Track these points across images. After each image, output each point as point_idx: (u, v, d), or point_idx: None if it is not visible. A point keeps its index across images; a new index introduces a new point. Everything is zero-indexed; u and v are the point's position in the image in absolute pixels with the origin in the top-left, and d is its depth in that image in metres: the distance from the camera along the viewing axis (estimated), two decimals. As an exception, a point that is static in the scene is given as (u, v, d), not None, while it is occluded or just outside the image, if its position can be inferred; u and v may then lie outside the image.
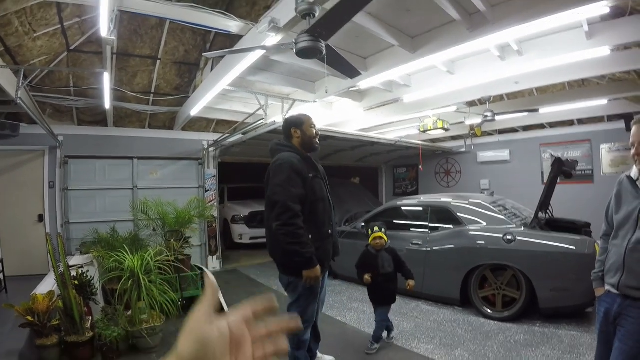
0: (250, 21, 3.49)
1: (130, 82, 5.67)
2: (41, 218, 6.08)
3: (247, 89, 5.02)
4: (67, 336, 3.26)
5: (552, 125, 8.05)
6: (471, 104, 6.76)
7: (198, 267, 4.99)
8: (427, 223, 4.91)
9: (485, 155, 9.23)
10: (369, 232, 3.59)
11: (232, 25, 3.43)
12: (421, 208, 5.17)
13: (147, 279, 3.58)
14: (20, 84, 3.95)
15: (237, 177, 10.22)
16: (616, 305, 1.82)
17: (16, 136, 5.23)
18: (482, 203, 4.67)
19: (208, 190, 7.42)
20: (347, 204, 7.16)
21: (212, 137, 7.33)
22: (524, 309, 3.97)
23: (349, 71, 3.36)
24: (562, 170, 4.38)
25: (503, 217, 4.37)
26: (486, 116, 5.89)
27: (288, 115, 4.06)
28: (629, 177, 1.87)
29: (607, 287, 1.91)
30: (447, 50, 3.65)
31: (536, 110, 6.14)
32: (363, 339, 3.67)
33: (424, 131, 6.86)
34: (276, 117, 5.19)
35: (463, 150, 9.59)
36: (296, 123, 2.77)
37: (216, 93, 4.80)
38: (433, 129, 6.73)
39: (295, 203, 2.46)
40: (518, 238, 4.01)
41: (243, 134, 6.03)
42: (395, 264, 3.49)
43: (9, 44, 4.18)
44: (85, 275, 3.73)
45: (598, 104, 6.27)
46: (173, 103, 6.40)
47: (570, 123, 7.82)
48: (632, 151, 1.79)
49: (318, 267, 2.52)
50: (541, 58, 4.03)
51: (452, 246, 4.46)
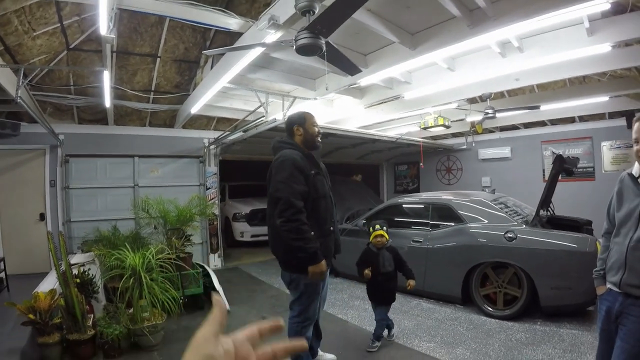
0: (250, 18, 3.48)
1: (130, 80, 5.67)
2: (42, 217, 6.10)
3: (248, 87, 5.01)
4: (69, 334, 3.28)
5: (553, 122, 8.03)
6: (472, 101, 6.74)
7: (199, 265, 5.01)
8: (428, 220, 4.90)
9: (486, 152, 9.21)
10: (370, 230, 3.58)
11: (232, 22, 3.43)
12: (422, 205, 5.16)
13: (149, 277, 3.59)
14: (20, 83, 3.94)
15: (238, 175, 10.24)
16: (618, 303, 1.81)
17: (17, 135, 5.22)
18: (484, 200, 4.66)
19: (209, 188, 7.42)
20: (348, 202, 7.15)
21: (213, 135, 7.32)
22: (525, 307, 3.97)
23: (349, 68, 3.36)
24: (564, 167, 4.35)
25: (504, 215, 4.36)
26: (487, 113, 5.88)
27: (290, 112, 4.05)
28: (631, 175, 1.86)
29: (609, 286, 1.90)
30: (448, 47, 3.62)
31: (537, 107, 6.12)
32: (364, 337, 3.67)
33: (425, 128, 6.83)
34: (277, 115, 5.17)
35: (464, 147, 9.55)
36: (299, 121, 2.79)
37: (216, 91, 4.79)
38: (434, 126, 6.69)
39: (298, 199, 2.47)
40: (519, 236, 4.01)
41: (244, 132, 6.02)
42: (395, 263, 3.49)
43: (9, 43, 4.18)
44: (86, 273, 3.75)
45: (599, 101, 6.25)
46: (173, 101, 6.40)
47: (571, 120, 7.81)
48: (636, 147, 1.78)
49: (323, 262, 2.53)
50: (542, 55, 4.01)
51: (454, 244, 4.46)
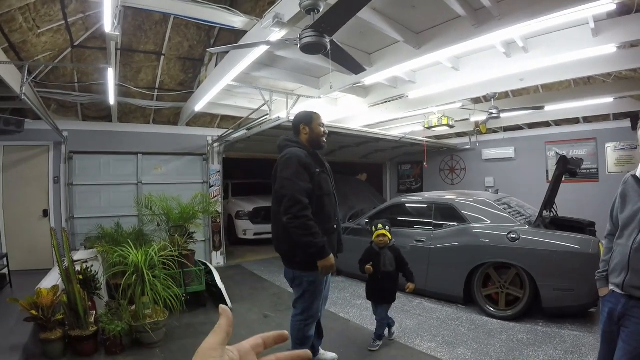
0: (254, 16, 3.48)
1: (134, 78, 5.69)
2: (46, 213, 6.13)
3: (252, 85, 5.02)
4: (71, 330, 3.30)
5: (558, 123, 7.99)
6: (476, 101, 6.72)
7: (202, 263, 5.02)
8: (431, 220, 4.90)
9: (490, 152, 9.18)
10: (373, 229, 3.58)
11: (237, 20, 3.43)
12: (425, 205, 5.15)
13: (151, 274, 3.60)
14: (24, 80, 3.95)
15: (242, 173, 10.26)
16: (620, 305, 1.80)
17: (21, 132, 5.24)
18: (487, 201, 4.65)
19: (212, 185, 7.44)
20: (351, 200, 7.15)
21: (217, 133, 7.34)
22: (527, 308, 3.96)
23: (354, 67, 3.35)
24: (567, 168, 4.34)
25: (507, 215, 4.34)
26: (491, 113, 5.87)
27: (294, 111, 4.05)
28: (635, 176, 1.86)
29: (612, 287, 1.89)
30: (453, 46, 3.61)
31: (541, 107, 6.09)
32: (366, 336, 3.67)
33: (429, 128, 6.82)
34: (280, 113, 5.18)
35: (468, 147, 9.53)
36: (306, 120, 2.81)
37: (220, 89, 4.80)
38: (438, 126, 6.68)
39: (303, 196, 2.48)
40: (522, 236, 3.99)
41: (247, 130, 6.03)
42: (397, 264, 3.46)
43: (13, 40, 4.19)
44: (89, 270, 3.77)
45: (604, 102, 6.22)
46: (177, 99, 6.41)
47: (575, 121, 7.76)
48: None
49: (332, 256, 2.54)
50: (547, 55, 3.99)
51: (456, 244, 4.45)
